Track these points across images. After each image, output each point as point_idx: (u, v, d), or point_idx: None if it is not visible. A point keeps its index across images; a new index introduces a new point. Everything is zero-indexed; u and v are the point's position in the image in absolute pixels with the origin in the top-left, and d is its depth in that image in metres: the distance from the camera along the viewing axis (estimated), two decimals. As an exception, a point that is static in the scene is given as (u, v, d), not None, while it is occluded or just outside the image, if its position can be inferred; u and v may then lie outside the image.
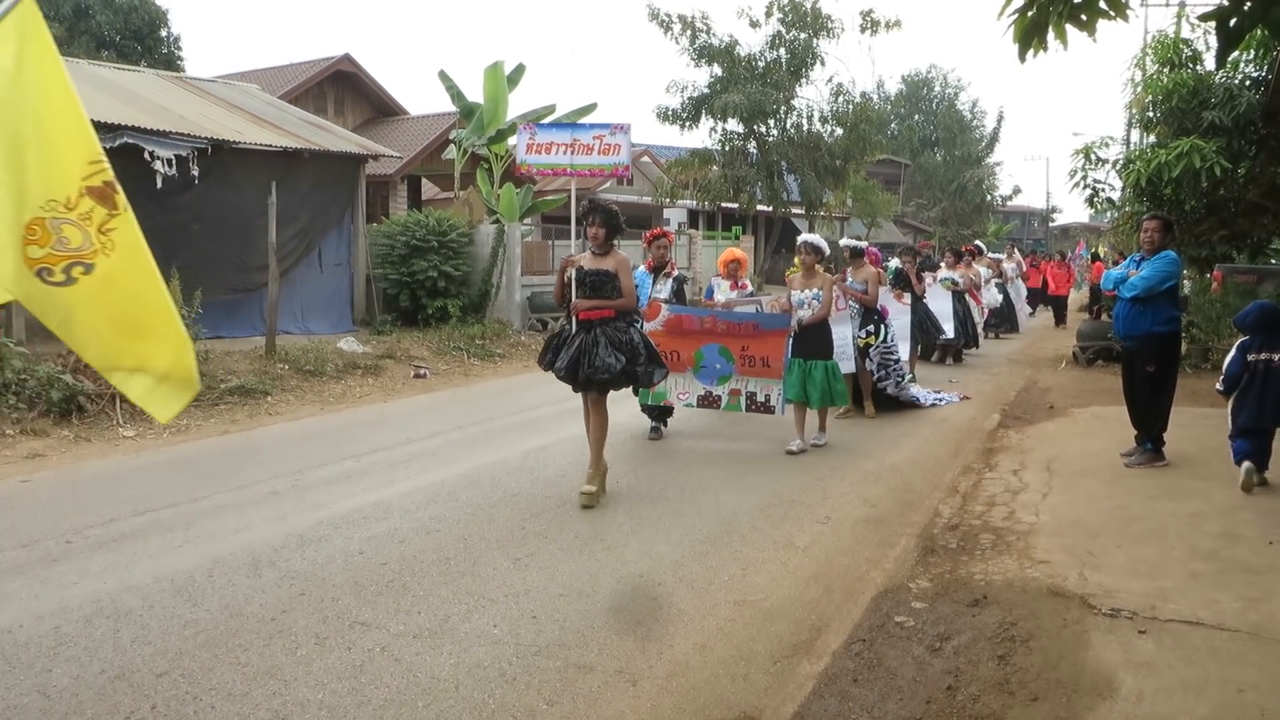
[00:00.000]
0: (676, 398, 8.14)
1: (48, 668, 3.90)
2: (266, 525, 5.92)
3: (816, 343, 8.18)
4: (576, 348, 6.21)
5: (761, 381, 7.90)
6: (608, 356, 6.13)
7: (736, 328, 7.95)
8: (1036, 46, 4.25)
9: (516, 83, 19.15)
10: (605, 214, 6.38)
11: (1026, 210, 65.97)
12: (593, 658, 4.06)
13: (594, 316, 6.26)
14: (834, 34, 27.80)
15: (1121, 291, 7.24)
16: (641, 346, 6.36)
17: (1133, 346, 7.32)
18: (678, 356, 7.88)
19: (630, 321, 6.43)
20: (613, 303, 6.29)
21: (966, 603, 4.66)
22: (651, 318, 7.84)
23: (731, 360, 7.91)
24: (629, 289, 6.36)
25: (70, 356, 9.45)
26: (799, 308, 8.16)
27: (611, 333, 6.24)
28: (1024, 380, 12.75)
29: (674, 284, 8.47)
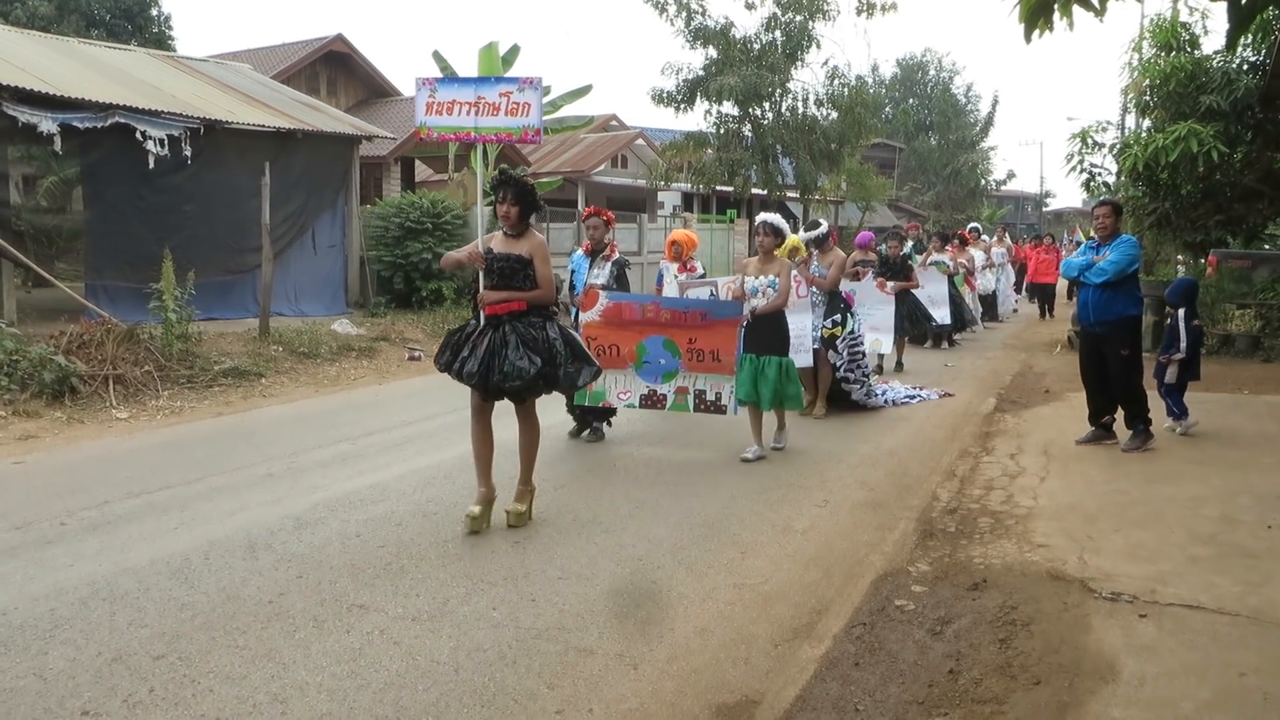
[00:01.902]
0: (617, 397, 7.30)
1: (44, 650, 3.87)
2: (262, 508, 5.89)
3: (770, 336, 7.27)
4: (485, 348, 5.27)
5: (711, 378, 7.11)
6: (519, 359, 5.21)
7: (682, 317, 7.10)
8: (1043, 27, 4.20)
9: (511, 64, 19.08)
10: (519, 188, 5.46)
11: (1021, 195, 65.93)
12: (593, 641, 4.05)
13: (502, 310, 5.33)
14: (830, 17, 27.64)
15: (1089, 278, 7.24)
16: (561, 344, 5.40)
17: (1103, 331, 7.30)
18: (617, 351, 7.14)
19: (547, 316, 5.50)
20: (526, 294, 5.36)
21: (966, 586, 4.66)
22: (588, 307, 7.19)
23: (678, 354, 7.10)
24: (545, 278, 5.42)
25: (63, 337, 9.40)
26: (752, 295, 7.28)
27: (524, 329, 5.31)
28: (1019, 364, 12.75)
29: (614, 268, 7.60)
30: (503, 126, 5.74)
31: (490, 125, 5.73)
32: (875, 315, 11.02)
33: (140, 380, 9.41)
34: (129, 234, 12.53)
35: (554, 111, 19.84)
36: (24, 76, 11.91)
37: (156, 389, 9.42)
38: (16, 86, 11.26)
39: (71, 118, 11.59)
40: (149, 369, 9.59)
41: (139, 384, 9.36)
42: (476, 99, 5.69)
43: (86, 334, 9.57)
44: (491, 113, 5.68)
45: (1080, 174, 14.08)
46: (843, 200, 37.19)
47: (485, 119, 5.69)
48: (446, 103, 5.77)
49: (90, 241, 13.11)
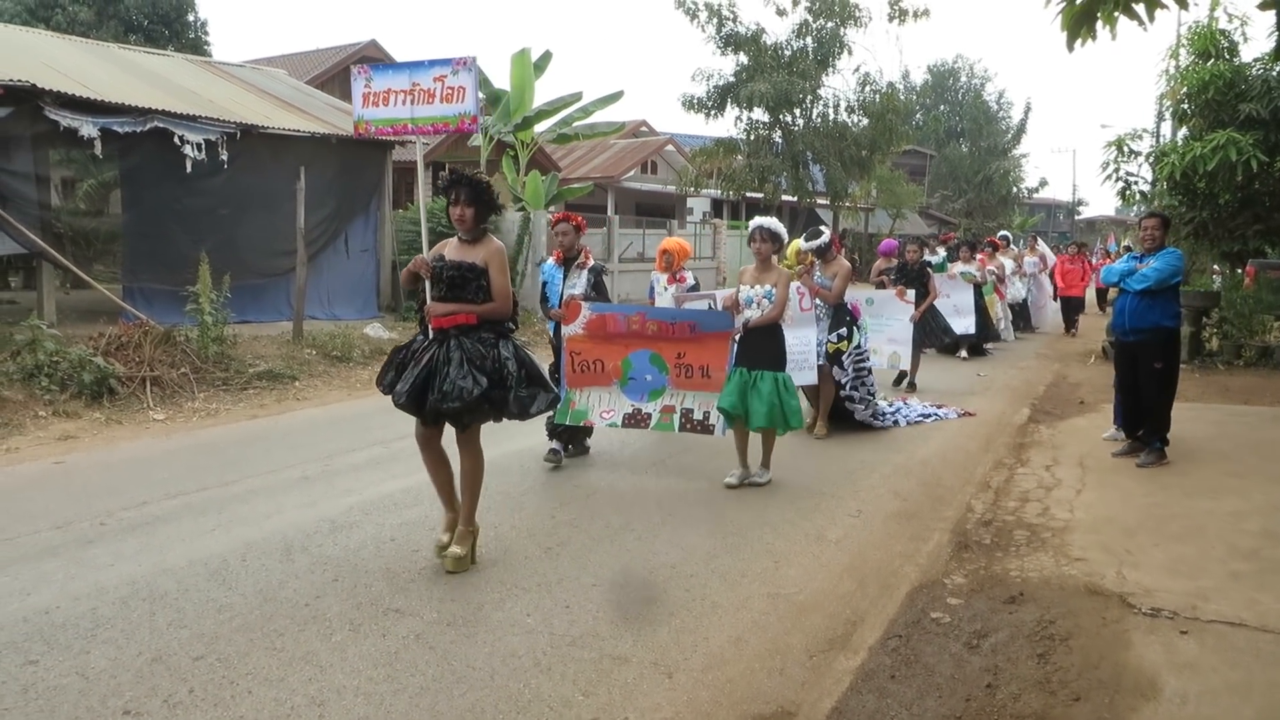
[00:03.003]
0: (599, 416, 6.81)
1: (86, 649, 3.92)
2: (298, 510, 5.94)
3: (764, 350, 6.65)
4: (425, 365, 4.72)
5: (700, 395, 6.63)
6: (461, 378, 4.61)
7: (670, 329, 6.63)
8: (1085, 35, 4.18)
9: (543, 70, 19.14)
10: (473, 188, 4.85)
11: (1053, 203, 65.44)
12: (627, 649, 4.04)
13: (448, 324, 4.77)
14: (861, 23, 27.64)
15: (1129, 284, 7.16)
16: (513, 365, 4.80)
17: (1139, 341, 7.20)
18: (601, 367, 6.70)
19: (502, 333, 4.89)
20: (476, 306, 4.78)
21: (1003, 599, 4.62)
22: (570, 320, 6.71)
23: (665, 370, 6.64)
24: (501, 289, 4.82)
25: (101, 339, 9.53)
26: (747, 306, 6.71)
27: (471, 346, 4.72)
28: (1052, 375, 12.63)
29: (590, 276, 7.04)
30: (438, 115, 5.35)
31: (426, 115, 5.35)
32: (893, 326, 10.47)
33: (177, 382, 9.52)
34: (166, 237, 12.70)
35: (585, 117, 19.88)
36: (66, 81, 12.10)
37: (192, 391, 9.52)
38: (58, 91, 11.44)
39: (111, 122, 11.76)
40: (185, 371, 9.71)
41: (175, 386, 9.47)
42: (411, 86, 5.33)
43: (124, 336, 9.69)
44: (427, 100, 5.31)
45: (1116, 182, 13.93)
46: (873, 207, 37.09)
47: (421, 108, 5.33)
48: (382, 92, 5.42)
49: (128, 244, 13.29)
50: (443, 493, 5.05)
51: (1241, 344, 12.61)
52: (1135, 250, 7.60)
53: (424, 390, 4.68)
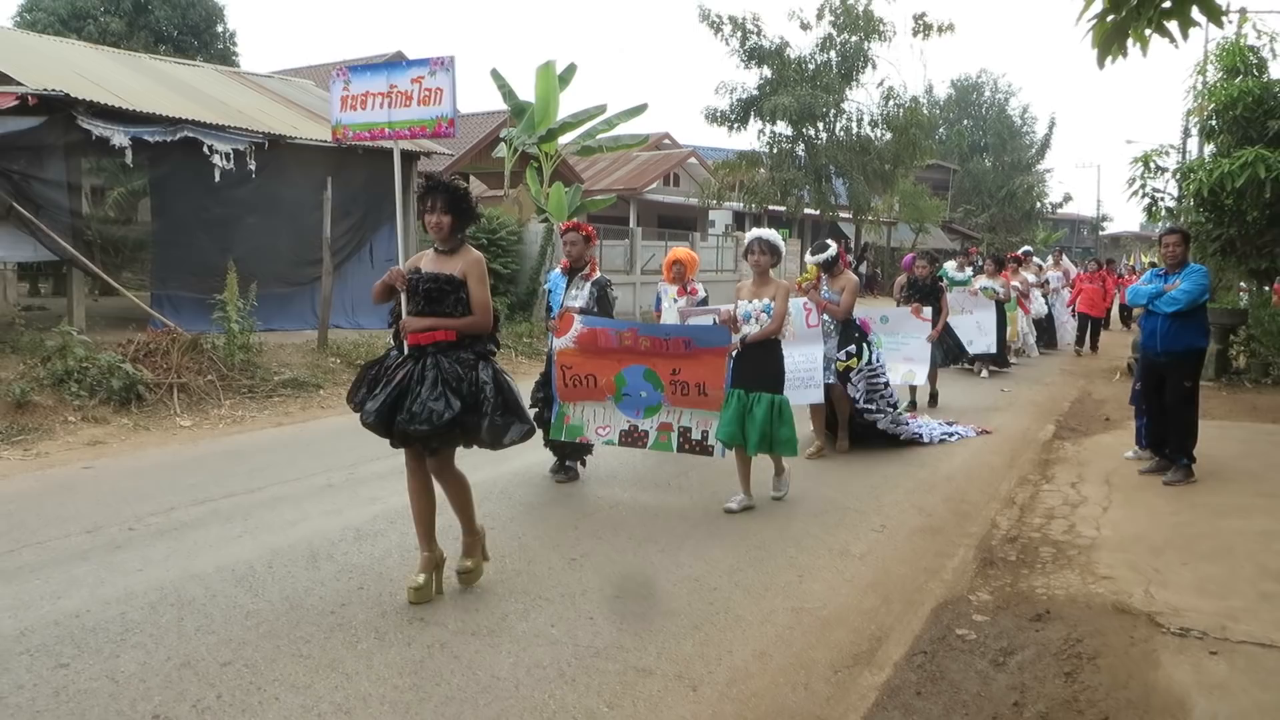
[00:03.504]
0: (595, 433, 6.56)
1: (115, 653, 3.96)
2: (323, 518, 5.98)
3: (761, 368, 6.36)
4: (397, 383, 4.42)
5: (697, 414, 6.33)
6: (433, 399, 4.33)
7: (663, 345, 6.32)
8: (1116, 52, 4.17)
9: (568, 82, 19.23)
10: (450, 195, 4.56)
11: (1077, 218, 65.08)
12: (651, 661, 4.05)
13: (425, 340, 4.48)
14: (885, 37, 27.67)
15: (1159, 307, 7.10)
16: (491, 389, 4.48)
17: (1169, 361, 7.14)
18: (594, 382, 6.43)
19: (483, 352, 4.58)
20: (455, 321, 4.48)
21: (1029, 617, 4.59)
22: (562, 332, 6.46)
23: (660, 387, 6.34)
24: (481, 302, 4.52)
25: (130, 346, 9.63)
26: (744, 322, 6.42)
27: (449, 366, 4.42)
28: (1077, 391, 12.55)
29: (594, 289, 6.81)
30: (415, 119, 5.14)
31: (404, 119, 5.15)
32: (910, 345, 10.11)
33: (203, 389, 9.61)
34: (193, 245, 12.82)
35: (609, 129, 19.97)
36: (98, 91, 12.27)
37: (219, 398, 9.61)
38: (91, 100, 11.60)
39: (142, 131, 11.91)
40: (212, 378, 9.80)
41: (202, 393, 9.56)
42: (389, 88, 5.14)
43: (153, 343, 9.80)
44: (404, 103, 5.11)
45: (1142, 198, 13.85)
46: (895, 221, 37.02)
47: (399, 111, 5.13)
48: (360, 95, 5.23)
49: (156, 252, 13.43)
50: (421, 526, 4.72)
51: (1270, 362, 12.49)
52: (1159, 266, 7.54)
53: (395, 410, 4.38)
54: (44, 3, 29.63)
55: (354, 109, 5.28)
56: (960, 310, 12.59)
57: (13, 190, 10.96)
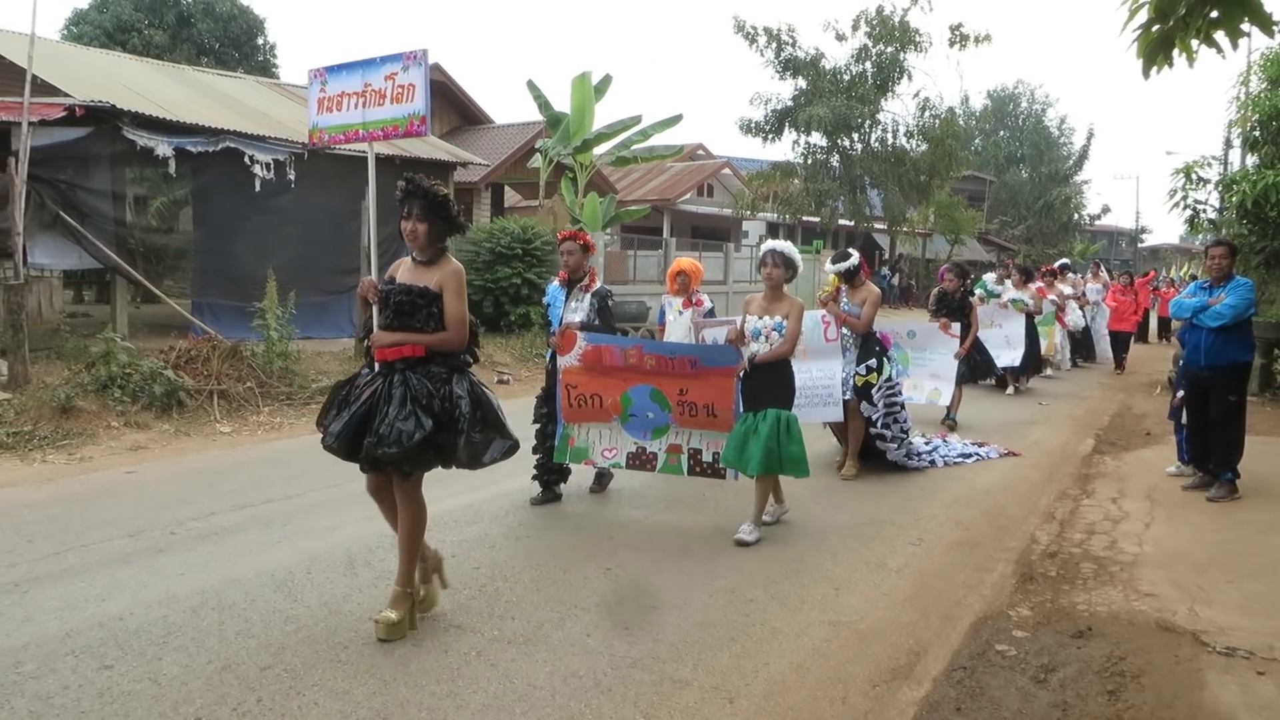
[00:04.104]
0: (601, 455, 6.29)
1: (158, 656, 4.01)
2: (360, 524, 6.01)
3: (771, 390, 5.90)
4: (364, 401, 4.14)
5: (708, 435, 6.06)
6: (402, 419, 4.03)
7: (669, 363, 6.04)
8: (1161, 63, 4.12)
9: (603, 93, 19.33)
10: (427, 200, 4.22)
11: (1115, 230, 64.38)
12: (688, 672, 4.03)
13: (393, 356, 4.18)
14: (922, 48, 27.54)
15: (1204, 321, 6.99)
16: (467, 405, 4.18)
17: (1213, 376, 7.04)
18: (600, 402, 6.18)
19: (456, 367, 4.28)
20: (425, 336, 4.18)
21: (1070, 634, 4.53)
22: (566, 349, 6.20)
23: (667, 408, 6.07)
24: (455, 316, 4.22)
25: (172, 352, 9.77)
26: (754, 339, 5.97)
27: (418, 382, 4.12)
28: (1117, 405, 12.39)
29: (594, 301, 6.47)
30: (389, 119, 4.94)
31: (378, 118, 4.95)
32: (936, 361, 9.74)
33: (242, 396, 9.72)
34: (233, 254, 13.00)
35: (644, 140, 20.02)
36: (143, 102, 12.49)
37: (258, 405, 9.72)
38: (136, 112, 11.81)
39: (185, 142, 12.10)
40: (251, 385, 9.91)
41: (241, 399, 9.67)
42: (364, 87, 4.96)
43: (193, 350, 9.94)
44: (378, 102, 4.93)
45: (1184, 210, 13.65)
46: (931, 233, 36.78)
47: (373, 110, 4.94)
48: (336, 96, 5.07)
49: (197, 260, 13.63)
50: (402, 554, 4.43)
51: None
52: (1202, 279, 7.44)
53: (362, 432, 4.08)
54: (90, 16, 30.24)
55: (330, 111, 5.14)
56: (989, 324, 12.18)
57: (59, 199, 11.17)
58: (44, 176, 10.93)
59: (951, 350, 9.72)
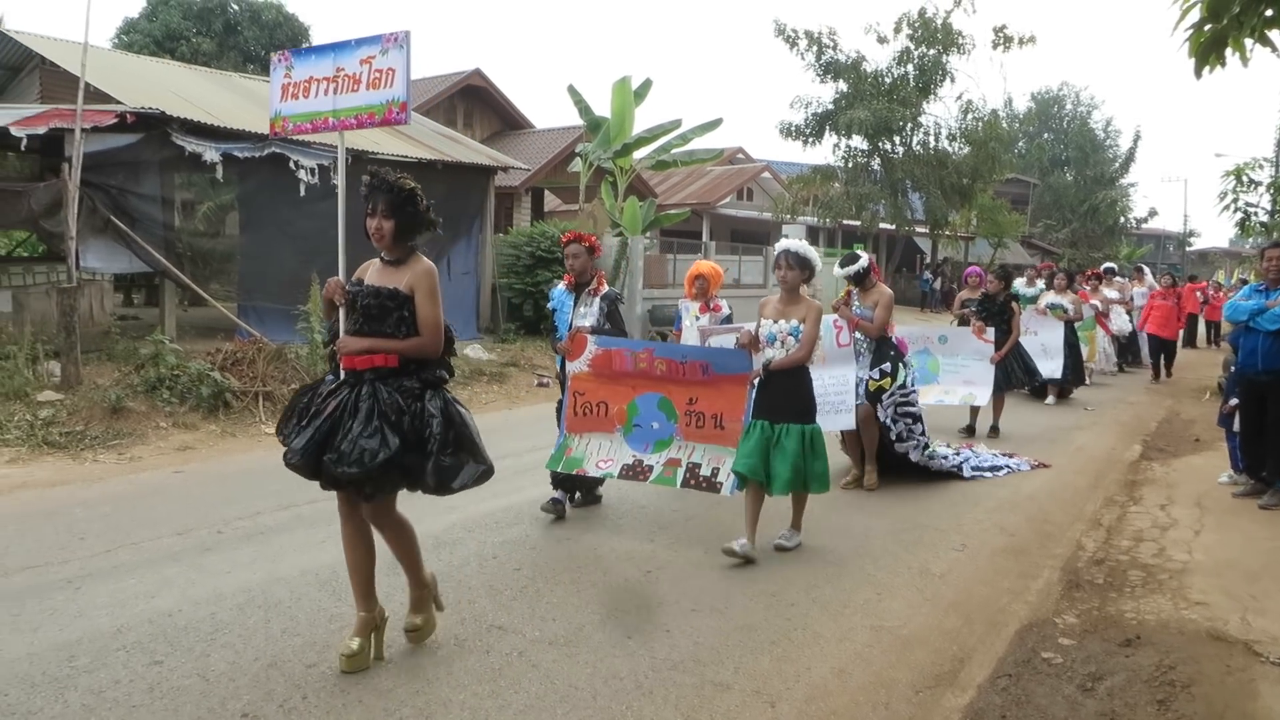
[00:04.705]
0: (595, 466, 5.97)
1: (206, 652, 4.07)
2: (402, 525, 6.06)
3: (789, 397, 5.57)
4: (328, 415, 3.79)
5: (711, 449, 5.70)
6: (366, 437, 3.68)
7: (680, 369, 5.75)
8: (1214, 63, 4.05)
9: (643, 97, 19.36)
10: (393, 196, 3.95)
11: (1162, 233, 63.28)
12: (729, 676, 4.02)
13: (361, 365, 3.84)
14: (964, 50, 27.26)
15: (1261, 324, 6.85)
16: (439, 424, 3.82)
17: (1269, 381, 6.88)
18: (605, 410, 5.93)
19: (431, 380, 3.92)
20: (396, 344, 3.86)
21: (1118, 642, 4.46)
22: (576, 355, 5.96)
23: (674, 417, 5.77)
24: (429, 321, 3.90)
25: (218, 354, 9.92)
26: (769, 345, 5.63)
27: (388, 396, 3.78)
28: (1164, 411, 12.19)
29: (603, 305, 6.22)
30: (364, 105, 4.47)
31: (350, 106, 4.49)
32: (970, 367, 9.37)
33: (287, 397, 9.83)
34: (278, 258, 13.18)
35: (684, 144, 20.02)
36: (191, 109, 12.71)
37: (301, 406, 9.83)
38: (185, 118, 12.02)
39: (232, 148, 12.29)
40: (295, 387, 10.01)
41: (285, 401, 9.76)
42: (335, 72, 4.51)
43: (239, 352, 10.08)
44: (352, 87, 4.48)
45: (1234, 213, 13.44)
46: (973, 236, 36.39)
47: (345, 97, 4.48)
48: (303, 82, 4.60)
49: (243, 264, 13.84)
50: (357, 580, 4.06)
51: None
52: (1255, 281, 7.28)
53: (325, 447, 3.75)
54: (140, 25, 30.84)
55: (296, 97, 4.64)
56: (1025, 331, 11.28)
57: (110, 204, 11.40)
58: (96, 182, 11.16)
59: (985, 356, 9.38)
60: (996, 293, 9.93)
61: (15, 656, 3.99)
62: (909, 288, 36.28)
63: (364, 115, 4.53)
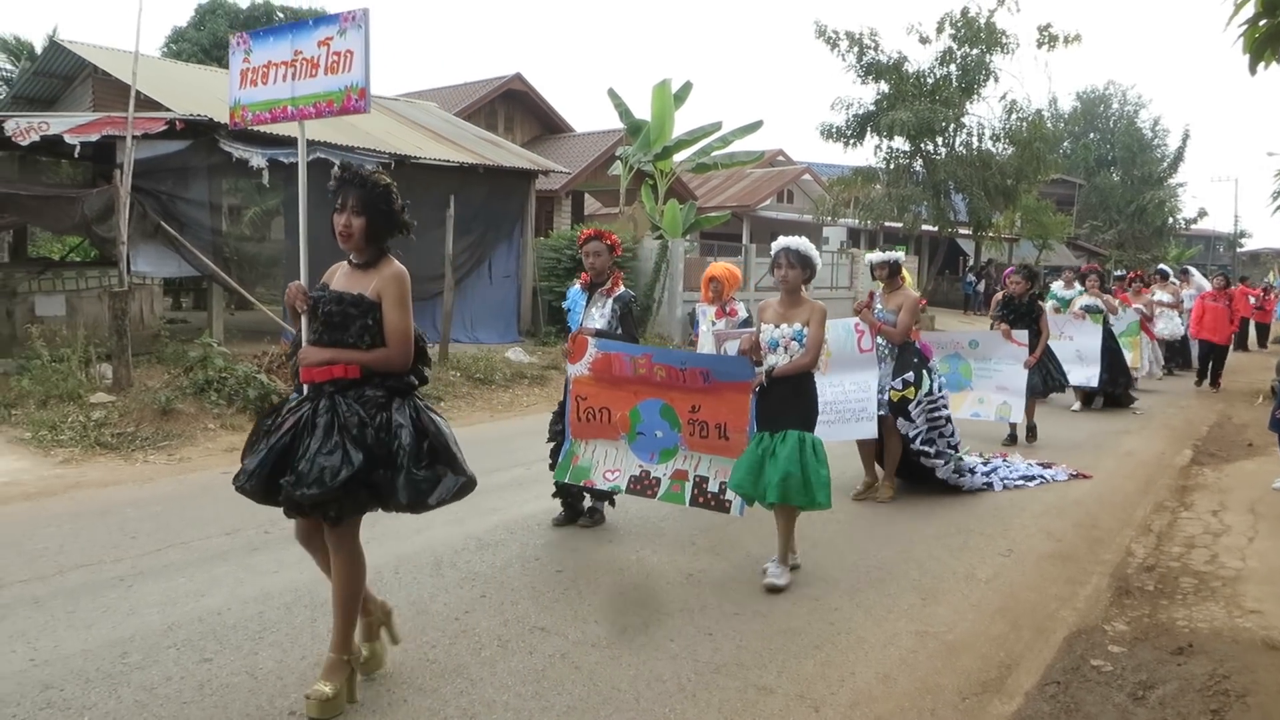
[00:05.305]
0: (603, 477, 5.70)
1: (254, 650, 4.13)
2: (446, 527, 6.10)
3: (789, 405, 5.14)
4: (286, 432, 3.49)
5: (717, 461, 5.36)
6: (326, 454, 3.37)
7: (680, 376, 5.39)
8: (1269, 58, 3.98)
9: (683, 100, 19.36)
10: (365, 192, 3.62)
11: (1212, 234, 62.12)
12: (772, 680, 4.00)
13: (321, 377, 3.54)
14: (1008, 50, 26.93)
15: None
16: (408, 435, 3.51)
17: None
18: (608, 417, 5.64)
19: (398, 390, 3.61)
20: (359, 355, 3.55)
21: (1170, 650, 4.37)
22: (577, 358, 5.70)
23: (677, 426, 5.44)
24: (397, 330, 3.57)
25: (265, 357, 10.06)
26: (771, 351, 5.24)
27: (348, 408, 3.47)
28: (1216, 415, 11.95)
29: (616, 307, 5.95)
30: (322, 92, 4.15)
31: (309, 93, 4.19)
32: (1003, 372, 8.96)
33: (331, 400, 9.95)
34: (323, 262, 13.25)
35: (724, 146, 20.01)
36: (239, 115, 12.89)
37: (346, 408, 9.94)
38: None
39: (278, 153, 12.46)
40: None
41: (330, 403, 9.90)
42: (294, 55, 4.21)
43: (285, 354, 10.21)
44: (310, 73, 4.16)
45: (1288, 213, 13.13)
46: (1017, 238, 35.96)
47: (303, 83, 4.19)
48: (261, 67, 4.32)
49: (288, 268, 14.02)
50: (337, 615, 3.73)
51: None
52: None
53: (281, 468, 3.43)
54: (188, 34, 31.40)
55: (255, 84, 4.37)
56: (1059, 335, 10.96)
57: (160, 209, 11.61)
58: (146, 188, 11.36)
59: (1019, 360, 8.94)
60: (1021, 294, 9.39)
61: (71, 652, 4.08)
62: (952, 290, 35.94)
63: (323, 103, 4.23)
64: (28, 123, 10.68)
